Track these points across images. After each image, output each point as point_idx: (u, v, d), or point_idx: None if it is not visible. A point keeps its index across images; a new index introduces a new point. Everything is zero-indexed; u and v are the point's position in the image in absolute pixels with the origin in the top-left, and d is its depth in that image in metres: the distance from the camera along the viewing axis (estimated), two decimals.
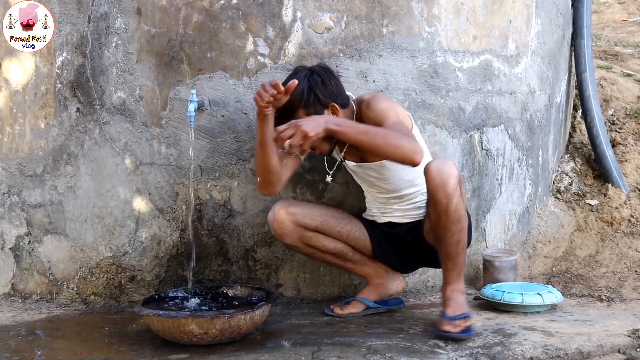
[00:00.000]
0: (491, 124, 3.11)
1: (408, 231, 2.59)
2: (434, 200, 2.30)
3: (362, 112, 2.42)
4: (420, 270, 2.93)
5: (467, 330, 2.30)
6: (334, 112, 2.39)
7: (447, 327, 2.31)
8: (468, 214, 2.50)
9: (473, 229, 3.09)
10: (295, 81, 2.30)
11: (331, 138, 2.37)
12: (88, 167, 2.89)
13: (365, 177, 2.60)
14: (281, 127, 2.20)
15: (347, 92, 2.54)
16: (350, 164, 2.59)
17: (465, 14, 2.95)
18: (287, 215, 2.53)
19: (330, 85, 2.39)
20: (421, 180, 2.42)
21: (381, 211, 2.64)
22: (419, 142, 2.35)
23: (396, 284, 2.72)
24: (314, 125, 2.19)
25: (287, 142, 2.18)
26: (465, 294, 2.44)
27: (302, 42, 2.76)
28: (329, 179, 2.65)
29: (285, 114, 2.35)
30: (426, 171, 2.32)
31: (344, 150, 2.56)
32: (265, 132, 2.37)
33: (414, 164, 2.24)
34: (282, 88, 2.28)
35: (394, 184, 2.54)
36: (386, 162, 2.44)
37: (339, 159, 2.62)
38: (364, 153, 2.49)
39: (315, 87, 2.35)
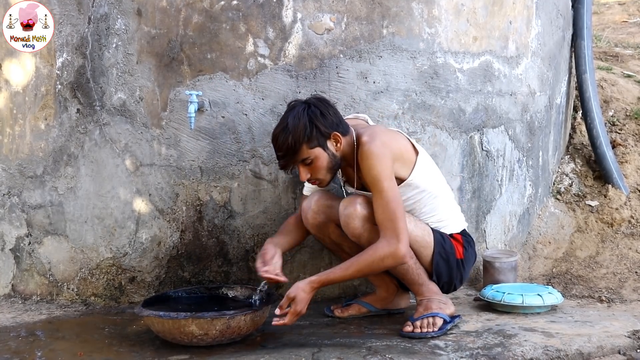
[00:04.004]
0: (491, 125, 3.11)
1: None
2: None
3: (359, 154, 2.37)
4: None
5: (439, 329, 2.39)
6: (337, 141, 2.37)
7: (407, 328, 2.40)
8: (440, 235, 2.51)
9: (473, 230, 3.09)
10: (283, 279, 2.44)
11: (336, 167, 2.41)
12: (88, 168, 2.89)
13: None
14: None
15: (356, 115, 2.60)
16: (350, 190, 2.57)
17: (465, 15, 2.95)
18: (324, 208, 2.52)
19: (330, 115, 2.36)
20: (431, 207, 2.50)
21: None
22: (401, 223, 2.32)
23: (403, 301, 2.70)
24: (303, 304, 2.32)
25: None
26: (438, 293, 2.49)
27: (302, 43, 2.76)
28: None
29: (289, 152, 2.33)
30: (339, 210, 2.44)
31: (355, 178, 2.49)
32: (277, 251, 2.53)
33: (402, 262, 2.34)
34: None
35: None
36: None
37: (341, 183, 2.62)
38: (363, 182, 2.46)
39: (315, 119, 2.32)
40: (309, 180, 2.42)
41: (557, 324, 2.52)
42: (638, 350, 2.33)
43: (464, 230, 2.60)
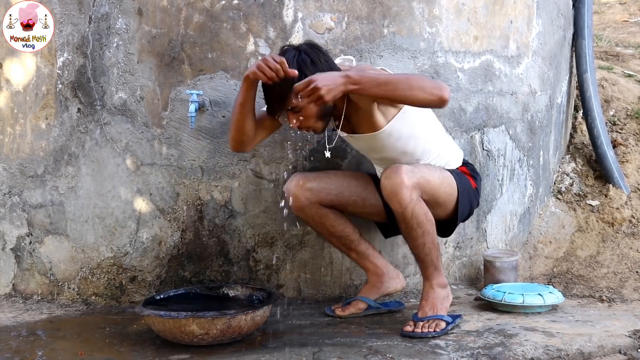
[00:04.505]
0: (492, 124, 3.11)
1: None
2: (391, 208, 2.37)
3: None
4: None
5: (441, 330, 2.37)
6: None
7: (408, 328, 2.39)
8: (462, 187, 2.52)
9: (474, 230, 3.09)
10: (296, 72, 2.24)
11: (327, 115, 2.38)
12: (89, 168, 2.89)
13: (358, 147, 2.61)
14: (299, 86, 2.16)
15: (343, 57, 2.52)
16: (342, 135, 2.53)
17: (466, 14, 2.95)
18: (304, 190, 2.53)
19: (320, 63, 2.31)
20: (425, 147, 2.48)
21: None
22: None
23: (395, 282, 2.70)
24: (331, 86, 2.14)
25: (299, 96, 2.17)
26: (446, 287, 2.48)
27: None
28: (327, 154, 2.55)
29: (277, 98, 2.31)
30: (381, 180, 2.38)
31: (340, 124, 2.48)
32: (250, 95, 2.38)
33: (443, 102, 2.21)
34: (287, 68, 2.22)
35: (386, 154, 2.51)
36: (376, 134, 2.42)
37: (332, 129, 2.55)
38: (354, 125, 2.46)
39: (304, 67, 2.27)
40: (299, 128, 2.38)
41: (557, 324, 2.52)
42: (639, 350, 2.33)
43: (464, 161, 2.65)
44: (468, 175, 2.60)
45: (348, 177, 2.67)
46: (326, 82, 2.14)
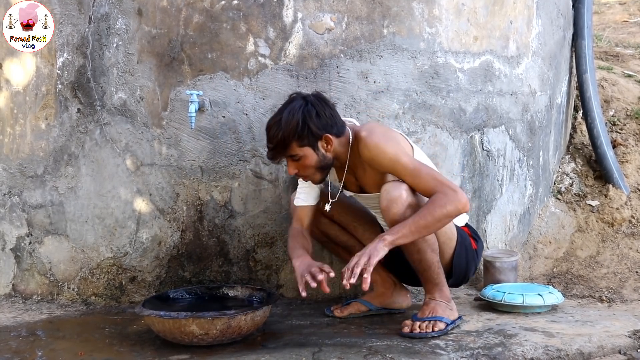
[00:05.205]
0: (492, 124, 3.11)
1: None
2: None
3: (359, 149, 2.36)
4: None
5: (439, 330, 2.36)
6: (328, 143, 2.35)
7: (405, 328, 2.38)
8: (462, 236, 2.50)
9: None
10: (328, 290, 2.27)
11: (326, 167, 2.39)
12: (89, 168, 2.89)
13: (364, 204, 2.61)
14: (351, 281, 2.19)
15: (343, 119, 2.48)
16: (348, 194, 2.56)
17: (466, 14, 2.95)
18: (312, 226, 2.54)
19: (325, 116, 2.34)
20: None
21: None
22: (441, 176, 2.33)
23: (402, 299, 2.69)
24: (375, 253, 2.19)
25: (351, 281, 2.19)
26: (449, 301, 2.45)
27: (302, 42, 2.76)
28: (327, 207, 2.54)
29: (279, 146, 2.33)
30: (380, 195, 2.35)
31: (343, 178, 2.50)
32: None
33: (466, 209, 2.27)
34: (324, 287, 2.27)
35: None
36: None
37: (339, 188, 2.55)
38: (360, 181, 2.47)
39: (309, 119, 2.31)
40: (297, 175, 2.42)
41: (557, 324, 2.52)
42: (638, 350, 2.33)
43: (467, 223, 2.62)
44: (470, 236, 2.57)
45: (353, 205, 2.65)
46: (371, 253, 2.19)
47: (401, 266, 2.55)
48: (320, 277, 2.24)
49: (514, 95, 3.20)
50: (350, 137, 2.40)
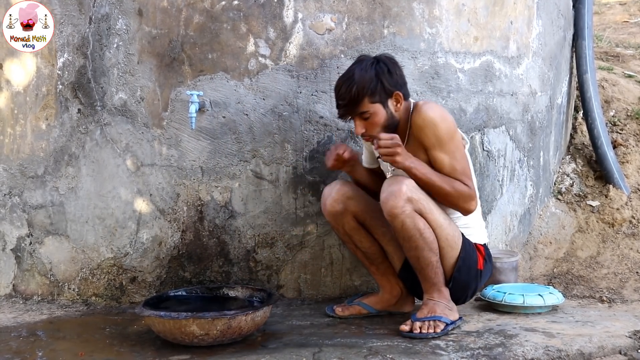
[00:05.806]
0: (492, 125, 3.11)
1: None
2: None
3: (413, 118, 2.37)
4: None
5: (440, 330, 2.35)
6: (398, 101, 2.38)
7: (406, 327, 2.37)
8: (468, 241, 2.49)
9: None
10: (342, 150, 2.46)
11: (391, 127, 2.40)
12: (89, 168, 2.89)
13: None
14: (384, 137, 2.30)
15: None
16: (390, 167, 2.54)
17: (466, 15, 2.95)
18: (344, 199, 2.51)
19: (396, 74, 2.38)
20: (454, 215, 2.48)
21: None
22: (473, 183, 2.42)
23: (407, 307, 2.68)
24: (405, 156, 2.30)
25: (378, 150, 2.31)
26: (448, 302, 2.44)
27: (303, 43, 2.76)
28: (389, 174, 2.55)
29: (351, 102, 2.34)
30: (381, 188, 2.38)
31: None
32: (355, 176, 2.59)
33: (467, 213, 2.41)
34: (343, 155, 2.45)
35: None
36: None
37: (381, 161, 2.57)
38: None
39: (382, 75, 2.34)
40: (363, 135, 2.43)
41: (558, 324, 2.52)
42: (639, 351, 2.33)
43: (485, 244, 2.58)
44: (480, 255, 2.52)
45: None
46: (397, 149, 2.28)
47: (415, 277, 2.50)
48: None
49: (515, 95, 3.20)
50: (411, 109, 2.41)
